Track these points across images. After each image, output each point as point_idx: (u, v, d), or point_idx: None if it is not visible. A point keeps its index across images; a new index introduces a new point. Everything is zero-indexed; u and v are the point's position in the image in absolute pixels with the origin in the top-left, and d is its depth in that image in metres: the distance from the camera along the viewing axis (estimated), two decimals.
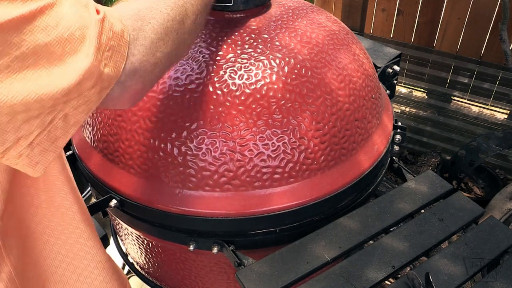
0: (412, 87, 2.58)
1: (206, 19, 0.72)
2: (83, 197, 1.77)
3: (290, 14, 0.91)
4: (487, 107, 2.40)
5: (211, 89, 0.79)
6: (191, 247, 0.82)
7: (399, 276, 1.25)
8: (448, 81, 2.46)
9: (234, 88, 0.79)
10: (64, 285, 0.71)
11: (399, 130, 0.98)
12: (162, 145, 0.79)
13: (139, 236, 0.96)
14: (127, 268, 1.65)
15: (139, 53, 0.53)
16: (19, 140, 0.45)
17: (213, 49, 0.83)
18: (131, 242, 1.04)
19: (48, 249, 0.69)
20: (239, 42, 0.83)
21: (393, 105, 1.49)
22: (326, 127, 0.81)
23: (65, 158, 0.73)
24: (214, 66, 0.81)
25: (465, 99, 2.43)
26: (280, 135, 0.78)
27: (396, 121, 1.00)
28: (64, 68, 0.45)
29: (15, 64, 0.42)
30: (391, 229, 0.84)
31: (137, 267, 1.14)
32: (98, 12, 0.49)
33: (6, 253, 0.61)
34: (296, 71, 0.81)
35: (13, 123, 0.43)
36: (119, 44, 0.50)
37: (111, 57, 0.49)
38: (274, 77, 0.80)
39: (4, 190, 0.59)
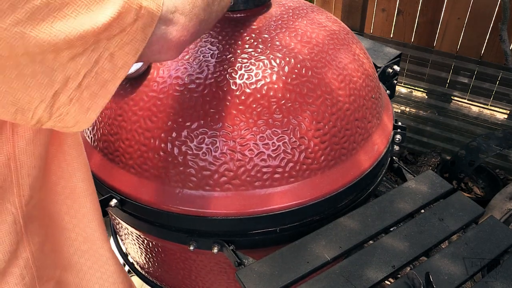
0: (412, 87, 2.58)
1: None
2: None
3: (290, 14, 0.91)
4: (487, 107, 2.40)
5: (211, 88, 0.79)
6: (191, 247, 0.82)
7: (399, 276, 1.25)
8: (448, 81, 2.46)
9: (234, 87, 0.79)
10: (78, 272, 0.72)
11: (399, 130, 0.98)
12: (162, 145, 0.79)
13: (139, 236, 0.96)
14: (127, 268, 1.65)
15: None
16: (68, 81, 0.44)
17: (213, 48, 0.83)
18: (131, 242, 1.04)
19: (66, 236, 0.69)
20: (240, 42, 0.83)
21: (393, 105, 1.49)
22: (326, 127, 0.81)
23: (84, 151, 0.72)
24: (215, 66, 0.81)
25: (465, 99, 2.44)
26: (280, 135, 0.78)
27: (396, 121, 1.00)
28: (103, 4, 0.44)
29: (55, 1, 0.41)
30: (391, 229, 0.84)
31: (137, 267, 1.14)
32: None
33: (27, 239, 0.61)
34: (296, 71, 0.81)
35: (59, 61, 0.43)
36: None
37: None
38: (274, 77, 0.80)
39: (35, 177, 0.59)
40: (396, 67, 1.14)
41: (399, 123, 1.00)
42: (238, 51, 0.82)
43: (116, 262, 0.78)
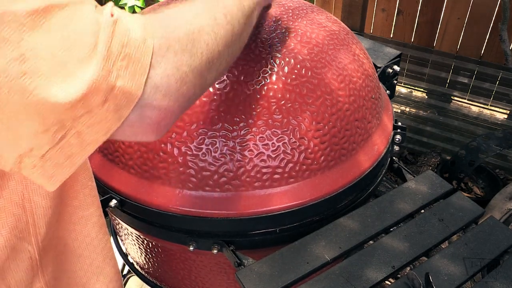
0: (412, 87, 2.58)
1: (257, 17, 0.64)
2: None
3: (290, 14, 0.91)
4: (487, 107, 2.40)
5: (211, 89, 0.79)
6: (191, 247, 0.82)
7: (399, 276, 1.25)
8: (448, 81, 2.47)
9: (234, 88, 0.79)
10: None
11: (399, 130, 0.98)
12: (162, 145, 0.79)
13: (139, 236, 0.96)
14: (127, 268, 1.65)
15: (159, 66, 0.45)
16: (32, 150, 0.41)
17: None
18: (131, 242, 1.04)
19: (81, 262, 0.69)
20: None
21: (393, 105, 1.49)
22: (326, 127, 0.81)
23: (91, 172, 0.70)
24: None
25: (465, 99, 2.44)
26: (280, 135, 0.78)
27: (396, 121, 1.00)
28: (70, 80, 0.39)
29: (12, 69, 0.37)
30: (391, 229, 0.84)
31: (137, 267, 1.14)
32: (112, 15, 0.42)
33: (41, 271, 0.61)
34: (296, 71, 0.81)
35: (21, 132, 0.40)
36: (138, 52, 0.42)
37: (126, 67, 0.41)
38: (274, 77, 0.80)
39: (51, 216, 0.59)
40: (396, 67, 1.14)
41: (399, 123, 1.00)
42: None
43: (119, 278, 0.79)
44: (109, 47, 0.40)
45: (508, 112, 2.37)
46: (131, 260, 1.16)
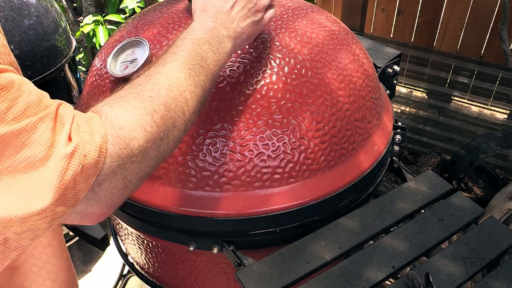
0: (412, 87, 2.58)
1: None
2: None
3: (290, 14, 0.91)
4: (487, 107, 2.40)
5: None
6: (191, 247, 0.82)
7: (399, 276, 1.25)
8: (448, 81, 2.47)
9: (234, 88, 0.79)
10: None
11: (399, 130, 0.98)
12: None
13: (139, 236, 0.96)
14: (127, 268, 1.65)
15: (106, 181, 0.47)
16: None
17: None
18: (131, 242, 1.04)
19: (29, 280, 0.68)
20: None
21: (393, 105, 1.49)
22: (326, 127, 0.81)
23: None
24: None
25: (465, 99, 2.44)
26: (280, 135, 0.78)
27: (396, 121, 1.00)
28: (10, 197, 0.41)
29: None
30: (391, 229, 0.84)
31: (137, 267, 1.14)
32: (70, 139, 0.44)
33: None
34: (296, 71, 0.81)
35: None
36: (87, 176, 0.45)
37: (72, 192, 0.44)
38: (274, 77, 0.80)
39: None
40: (396, 67, 1.14)
41: (399, 123, 1.00)
42: (238, 51, 0.82)
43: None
44: (61, 179, 0.42)
45: (508, 112, 2.37)
46: (131, 260, 1.16)
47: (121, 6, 2.32)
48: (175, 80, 0.56)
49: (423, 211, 0.87)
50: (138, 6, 2.32)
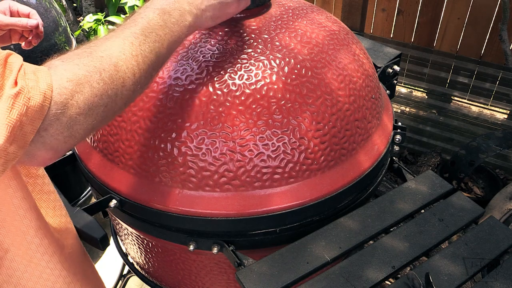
0: (412, 87, 2.58)
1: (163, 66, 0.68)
2: (83, 197, 1.78)
3: (290, 14, 0.91)
4: (487, 107, 2.40)
5: (211, 89, 0.79)
6: (191, 247, 0.82)
7: (399, 276, 1.25)
8: (448, 81, 2.47)
9: (234, 88, 0.79)
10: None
11: (399, 130, 0.98)
12: (162, 145, 0.79)
13: (139, 236, 0.96)
14: (127, 268, 1.65)
15: (52, 127, 0.51)
16: None
17: (213, 49, 0.83)
18: (131, 242, 1.04)
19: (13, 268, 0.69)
20: (239, 42, 0.83)
21: (393, 105, 1.49)
22: (326, 127, 0.81)
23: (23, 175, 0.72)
24: (214, 66, 0.81)
25: (465, 99, 2.44)
26: (280, 135, 0.78)
27: (396, 121, 1.00)
28: None
29: None
30: (391, 229, 0.84)
31: (137, 267, 1.14)
32: (16, 83, 0.47)
33: None
34: (296, 71, 0.81)
35: None
36: (32, 118, 0.48)
37: (20, 132, 0.48)
38: (274, 77, 0.80)
39: None
40: (396, 67, 1.14)
41: (399, 123, 1.00)
42: (238, 51, 0.82)
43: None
44: (8, 116, 0.46)
45: (508, 112, 2.37)
46: (131, 260, 1.16)
47: (120, 3, 2.32)
48: (129, 44, 0.60)
49: (423, 211, 0.87)
50: (137, 6, 2.32)
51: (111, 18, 2.36)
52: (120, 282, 1.62)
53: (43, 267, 0.72)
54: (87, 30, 2.33)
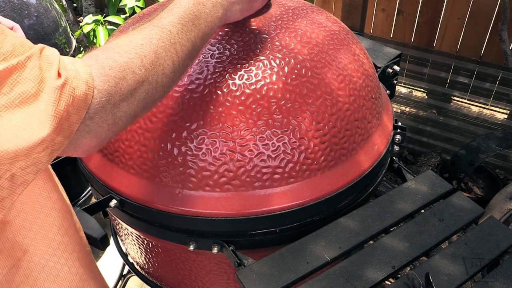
0: (412, 87, 2.58)
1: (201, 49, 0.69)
2: (83, 197, 1.78)
3: (290, 14, 0.91)
4: (487, 107, 2.40)
5: (211, 89, 0.79)
6: (191, 247, 0.82)
7: (399, 276, 1.25)
8: (448, 81, 2.47)
9: (234, 88, 0.79)
10: None
11: (399, 130, 0.98)
12: (162, 145, 0.79)
13: (139, 236, 0.96)
14: (127, 268, 1.65)
15: (97, 115, 0.51)
16: None
17: (213, 49, 0.83)
18: (131, 242, 1.04)
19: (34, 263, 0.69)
20: (239, 42, 0.83)
21: (393, 105, 1.49)
22: (326, 127, 0.81)
23: (53, 173, 0.73)
24: (214, 66, 0.81)
25: (465, 99, 2.44)
26: (280, 135, 0.78)
27: (396, 121, 1.00)
28: (13, 130, 0.44)
29: None
30: (391, 229, 0.84)
31: (137, 267, 1.14)
32: (59, 75, 0.47)
33: None
34: (296, 71, 0.81)
35: None
36: (78, 108, 0.49)
37: (66, 123, 0.48)
38: (274, 77, 0.80)
39: None
40: (396, 67, 1.14)
41: (399, 123, 1.00)
42: (238, 51, 0.82)
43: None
44: (56, 108, 0.46)
45: (508, 112, 2.37)
46: (131, 260, 1.16)
47: (120, 5, 2.32)
48: (167, 32, 0.60)
49: (423, 211, 0.87)
50: (138, 6, 2.32)
51: (111, 18, 2.36)
52: (120, 282, 1.62)
53: (62, 265, 0.72)
54: (88, 33, 2.33)
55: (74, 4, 3.67)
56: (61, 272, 0.72)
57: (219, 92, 0.78)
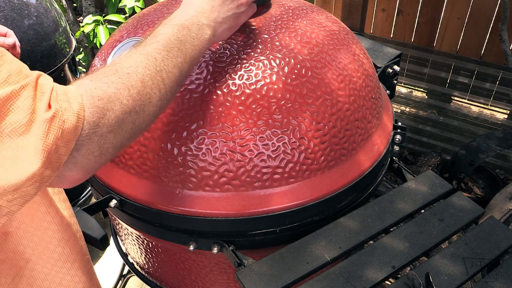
0: (412, 87, 2.58)
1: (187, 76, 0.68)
2: (83, 197, 1.78)
3: (290, 14, 0.91)
4: (487, 107, 2.40)
5: (211, 89, 0.79)
6: (191, 247, 0.82)
7: (399, 276, 1.25)
8: (448, 81, 2.46)
9: (234, 88, 0.79)
10: None
11: (399, 130, 0.98)
12: (162, 145, 0.79)
13: (139, 236, 0.96)
14: (127, 268, 1.65)
15: (84, 147, 0.51)
16: None
17: (213, 49, 0.83)
18: (131, 242, 1.04)
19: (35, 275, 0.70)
20: (239, 42, 0.83)
21: (393, 105, 1.49)
22: (326, 127, 0.81)
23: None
24: (214, 66, 0.81)
25: (465, 99, 2.44)
26: (280, 135, 0.78)
27: (396, 121, 1.00)
28: (1, 162, 0.44)
29: None
30: (391, 229, 0.84)
31: (137, 267, 1.14)
32: (50, 107, 0.47)
33: None
34: (296, 71, 0.81)
35: None
36: (67, 141, 0.48)
37: (55, 155, 0.47)
38: (274, 77, 0.80)
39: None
40: (396, 67, 1.14)
41: (399, 123, 1.00)
42: (238, 51, 0.82)
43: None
44: (45, 141, 0.46)
45: (508, 112, 2.37)
46: (131, 260, 1.16)
47: (120, 5, 2.32)
48: (152, 60, 0.60)
49: (423, 211, 0.87)
50: (138, 6, 2.32)
51: (111, 17, 2.36)
52: (120, 282, 1.62)
53: (64, 274, 0.73)
54: (88, 33, 2.33)
55: (74, 4, 3.67)
56: (64, 280, 0.73)
57: (219, 92, 0.78)
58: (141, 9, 2.31)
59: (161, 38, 0.63)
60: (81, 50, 2.72)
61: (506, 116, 2.37)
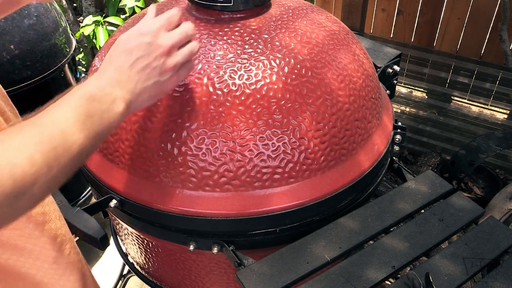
0: (412, 87, 2.58)
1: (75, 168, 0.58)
2: (83, 197, 1.78)
3: (290, 14, 0.91)
4: (487, 107, 2.40)
5: (211, 89, 0.79)
6: (191, 247, 0.82)
7: (399, 276, 1.25)
8: (448, 81, 2.46)
9: (234, 88, 0.79)
10: None
11: (399, 130, 0.98)
12: (162, 145, 0.79)
13: (139, 236, 0.96)
14: (127, 268, 1.65)
15: None
16: None
17: (213, 49, 0.83)
18: (131, 242, 1.04)
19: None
20: (239, 42, 0.83)
21: (393, 105, 1.49)
22: (326, 127, 0.81)
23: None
24: (214, 66, 0.81)
25: (465, 99, 2.43)
26: (280, 135, 0.78)
27: (396, 121, 1.00)
28: None
29: None
30: (391, 229, 0.84)
31: (137, 267, 1.14)
32: None
33: None
34: (296, 71, 0.81)
35: None
36: None
37: None
38: (274, 77, 0.80)
39: None
40: (396, 67, 1.14)
41: (399, 123, 1.00)
42: (238, 51, 0.82)
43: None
44: None
45: (508, 112, 2.37)
46: (131, 260, 1.16)
47: (120, 5, 2.32)
48: (48, 135, 0.52)
49: (423, 211, 0.87)
50: (138, 6, 2.32)
51: (110, 19, 2.36)
52: (120, 282, 1.63)
53: (59, 275, 0.73)
54: (88, 35, 2.33)
55: (74, 4, 3.67)
56: (61, 280, 0.72)
57: (219, 92, 0.78)
58: (141, 9, 2.31)
59: (64, 109, 0.56)
60: (81, 50, 2.72)
61: (506, 116, 2.37)
